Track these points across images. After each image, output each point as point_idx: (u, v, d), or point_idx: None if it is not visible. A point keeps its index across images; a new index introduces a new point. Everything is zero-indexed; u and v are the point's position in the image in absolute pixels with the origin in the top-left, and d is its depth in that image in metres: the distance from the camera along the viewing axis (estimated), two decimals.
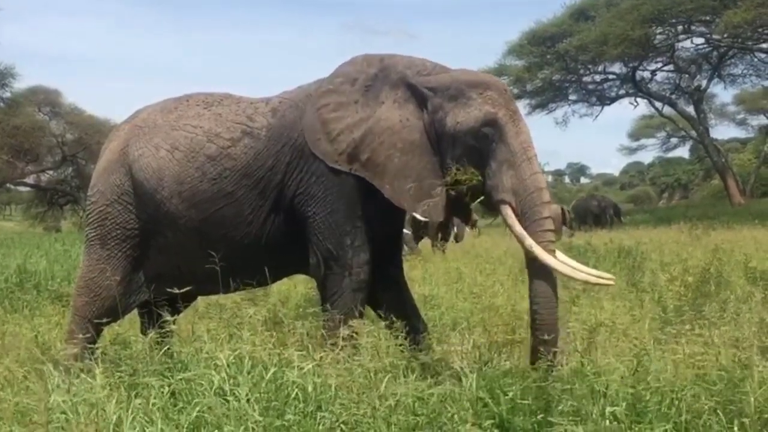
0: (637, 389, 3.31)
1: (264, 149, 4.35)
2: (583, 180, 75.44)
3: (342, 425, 3.13)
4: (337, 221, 4.27)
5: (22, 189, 40.72)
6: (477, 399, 3.32)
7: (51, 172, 37.92)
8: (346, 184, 4.27)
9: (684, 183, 51.26)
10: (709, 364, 3.54)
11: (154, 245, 4.57)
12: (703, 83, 35.22)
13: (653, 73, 35.38)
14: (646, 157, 77.69)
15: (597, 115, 36.59)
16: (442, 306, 6.25)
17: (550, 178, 58.93)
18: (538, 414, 3.23)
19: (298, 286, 7.24)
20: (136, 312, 4.88)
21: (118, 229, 4.57)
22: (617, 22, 30.03)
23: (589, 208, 25.81)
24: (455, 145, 4.18)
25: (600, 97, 36.38)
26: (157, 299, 4.50)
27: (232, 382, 3.32)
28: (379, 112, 4.28)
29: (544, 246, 3.98)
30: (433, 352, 4.22)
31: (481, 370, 3.71)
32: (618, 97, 36.32)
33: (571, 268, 4.11)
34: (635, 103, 36.71)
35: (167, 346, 3.90)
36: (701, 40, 32.57)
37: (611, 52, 30.40)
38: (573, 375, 3.55)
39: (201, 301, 5.42)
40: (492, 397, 3.34)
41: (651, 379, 3.39)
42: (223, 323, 4.42)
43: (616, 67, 34.50)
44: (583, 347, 4.01)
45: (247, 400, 3.19)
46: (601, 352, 3.95)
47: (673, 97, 35.49)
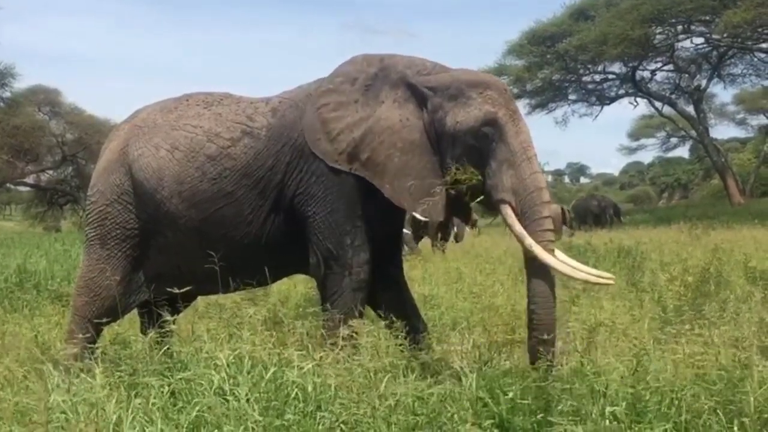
0: (637, 389, 3.30)
1: (264, 149, 4.35)
2: (582, 180, 75.47)
3: (342, 425, 3.13)
4: (337, 221, 4.27)
5: (22, 189, 40.72)
6: (477, 399, 3.32)
7: (51, 172, 37.91)
8: (346, 183, 4.27)
9: (684, 183, 51.27)
10: (708, 363, 3.53)
11: (154, 245, 4.57)
12: (703, 83, 35.27)
13: (653, 72, 35.42)
14: (646, 156, 77.73)
15: (597, 115, 36.65)
16: (441, 306, 6.25)
17: (550, 178, 58.92)
18: (538, 414, 3.23)
19: (298, 286, 7.23)
20: (135, 312, 4.88)
21: (118, 228, 4.57)
22: (617, 21, 30.03)
23: (588, 208, 25.80)
24: (455, 145, 4.18)
25: (600, 97, 36.38)
26: (157, 299, 4.50)
27: (231, 381, 3.32)
28: (379, 112, 4.28)
29: (544, 246, 3.98)
30: (433, 351, 4.22)
31: (481, 369, 3.71)
32: (618, 97, 36.33)
33: (571, 267, 4.11)
34: (635, 103, 36.76)
35: (167, 346, 3.90)
36: (701, 40, 32.60)
37: (611, 51, 30.40)
38: (573, 375, 3.55)
39: (201, 301, 5.41)
40: (492, 397, 3.34)
41: (651, 379, 3.38)
42: (222, 323, 4.42)
43: (616, 67, 34.52)
44: (582, 347, 4.00)
45: (247, 400, 3.19)
46: (601, 351, 3.94)
47: (673, 96, 35.48)
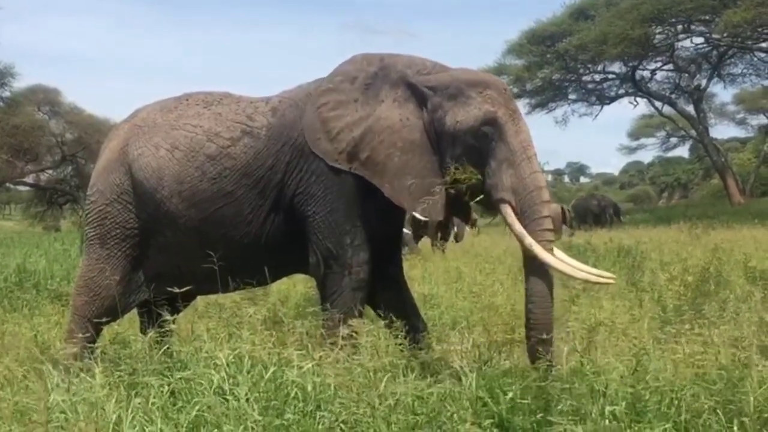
0: (637, 389, 3.30)
1: (264, 148, 4.35)
2: (582, 179, 75.46)
3: (341, 424, 3.13)
4: (336, 220, 4.27)
5: (22, 188, 40.72)
6: (476, 398, 3.32)
7: (50, 172, 37.91)
8: (346, 183, 4.27)
9: (684, 182, 51.28)
10: (708, 363, 3.53)
11: (153, 244, 4.57)
12: (703, 83, 35.27)
13: (653, 72, 35.42)
14: (646, 156, 77.66)
15: (597, 115, 36.66)
16: (441, 305, 6.26)
17: (550, 178, 58.91)
18: (538, 413, 3.23)
19: (297, 286, 7.23)
20: (135, 311, 4.88)
21: (118, 228, 4.57)
22: (617, 21, 30.03)
23: (588, 208, 25.81)
24: (455, 144, 4.18)
25: (600, 97, 36.38)
26: (157, 298, 4.50)
27: (231, 381, 3.32)
28: (379, 111, 4.28)
29: (544, 245, 3.98)
30: (433, 351, 4.22)
31: (481, 369, 3.71)
32: (618, 97, 36.33)
33: (571, 267, 4.11)
34: (635, 103, 36.78)
35: (167, 346, 3.90)
36: (701, 40, 32.60)
37: (611, 51, 30.40)
38: (572, 374, 3.55)
39: (200, 301, 5.41)
40: (491, 397, 3.34)
41: (650, 379, 3.38)
42: (222, 322, 4.42)
43: (616, 67, 34.52)
44: (582, 347, 4.00)
45: (247, 400, 3.19)
46: (601, 351, 3.94)
47: (673, 96, 35.49)
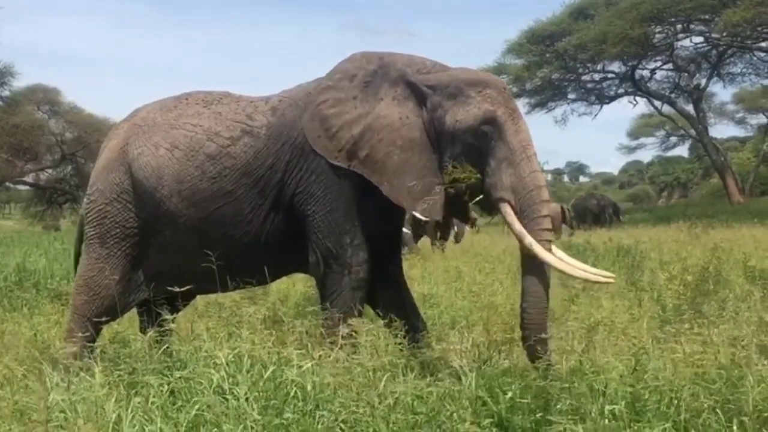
0: (636, 388, 3.31)
1: (264, 148, 4.35)
2: (582, 179, 75.44)
3: (341, 424, 3.13)
4: (336, 220, 4.27)
5: (22, 188, 40.73)
6: (476, 397, 3.33)
7: (50, 171, 37.93)
8: (346, 182, 4.26)
9: (683, 182, 51.31)
10: (708, 362, 3.53)
11: (153, 244, 4.57)
12: (702, 82, 35.28)
13: (652, 71, 35.41)
14: (646, 155, 77.57)
15: (596, 114, 36.68)
16: (441, 305, 6.25)
17: (549, 177, 58.89)
18: (537, 413, 3.24)
19: (297, 285, 7.23)
20: (135, 311, 4.88)
21: (118, 227, 4.57)
22: (616, 20, 30.03)
23: (588, 207, 25.81)
24: (454, 144, 4.18)
25: (599, 96, 36.38)
26: (157, 298, 4.50)
27: (231, 380, 3.32)
28: (378, 109, 4.28)
29: (543, 245, 3.98)
30: (432, 350, 4.21)
31: (480, 368, 3.71)
32: (617, 96, 36.34)
33: (571, 266, 4.11)
34: (634, 102, 36.80)
35: (166, 345, 3.90)
36: (700, 39, 32.60)
37: (610, 50, 30.40)
38: (572, 374, 3.55)
39: (200, 300, 5.41)
40: (491, 396, 3.34)
41: (650, 378, 3.38)
42: (222, 322, 4.41)
43: (615, 66, 34.52)
44: (582, 346, 4.01)
45: (246, 399, 3.19)
46: (600, 350, 3.94)
47: (673, 95, 35.49)
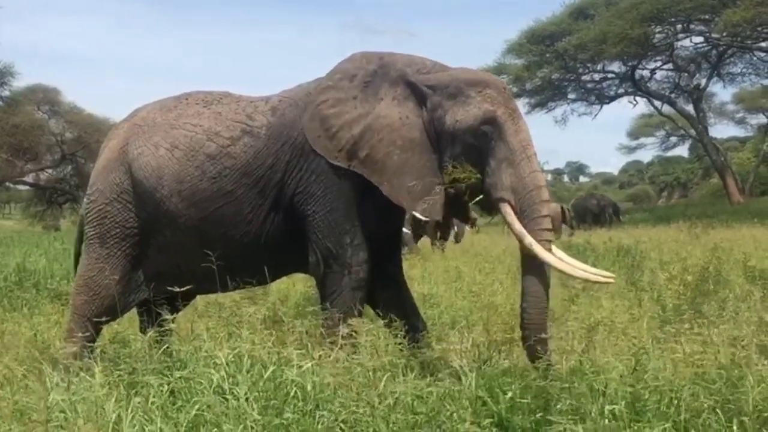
0: (636, 388, 3.31)
1: (264, 148, 4.35)
2: (582, 179, 75.45)
3: (341, 424, 3.13)
4: (336, 220, 4.27)
5: (22, 188, 40.73)
6: (476, 397, 3.32)
7: (50, 171, 37.93)
8: (346, 182, 4.26)
9: (683, 182, 51.31)
10: (707, 362, 3.53)
11: (153, 244, 4.57)
12: (702, 82, 35.28)
13: (652, 71, 35.41)
14: (645, 155, 77.58)
15: (596, 114, 36.68)
16: (441, 305, 6.25)
17: (549, 177, 58.90)
18: (537, 413, 3.24)
19: (297, 285, 7.23)
20: (135, 311, 4.88)
21: (118, 227, 4.57)
22: (616, 20, 30.03)
23: (588, 207, 25.81)
24: (454, 144, 4.18)
25: (599, 96, 36.38)
26: (157, 298, 4.50)
27: (231, 380, 3.32)
28: (378, 109, 4.28)
29: (543, 245, 3.98)
30: (432, 350, 4.21)
31: (480, 368, 3.71)
32: (617, 96, 36.34)
33: (571, 266, 4.11)
34: (634, 102, 36.80)
35: (166, 345, 3.90)
36: (700, 39, 32.60)
37: (610, 50, 30.40)
38: (572, 374, 3.55)
39: (200, 300, 5.41)
40: (491, 396, 3.34)
41: (650, 378, 3.39)
42: (222, 322, 4.41)
43: (615, 66, 34.52)
44: (582, 346, 4.01)
45: (246, 399, 3.19)
46: (600, 350, 3.94)
47: (672, 95, 35.49)
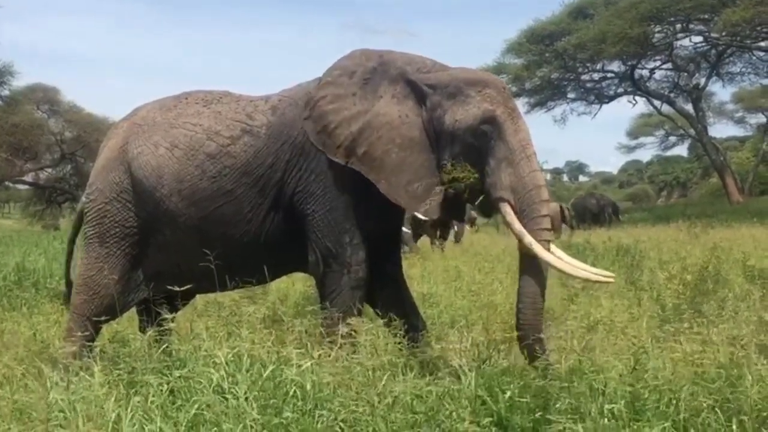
0: (636, 387, 3.31)
1: (264, 147, 4.35)
2: (581, 178, 75.53)
3: (340, 423, 3.13)
4: (336, 219, 4.27)
5: (21, 187, 40.71)
6: (475, 397, 3.32)
7: (50, 170, 37.89)
8: (345, 182, 4.26)
9: (682, 181, 51.34)
10: (707, 362, 3.54)
11: (153, 243, 4.57)
12: (702, 81, 35.30)
13: (652, 71, 35.45)
14: (645, 155, 77.62)
15: (595, 114, 36.73)
16: (440, 304, 6.25)
17: (549, 177, 58.98)
18: (537, 412, 3.24)
19: (296, 284, 7.23)
20: (134, 310, 4.88)
21: (117, 227, 4.57)
22: (616, 20, 30.04)
23: (587, 207, 25.82)
24: (454, 143, 4.17)
25: (598, 96, 36.40)
26: (156, 297, 4.50)
27: (230, 380, 3.32)
28: (378, 107, 4.28)
29: (542, 244, 3.98)
30: (432, 349, 4.22)
31: (480, 368, 3.70)
32: (616, 96, 36.36)
33: (571, 265, 4.11)
34: (634, 102, 36.84)
35: (166, 344, 3.90)
36: (700, 39, 32.63)
37: (610, 50, 30.41)
38: (571, 373, 3.55)
39: (200, 299, 5.42)
40: (490, 395, 3.34)
41: (649, 377, 3.39)
42: (221, 321, 4.41)
43: (615, 66, 34.55)
44: (581, 345, 4.01)
45: (246, 398, 3.19)
46: (600, 350, 3.94)
47: (672, 95, 35.50)
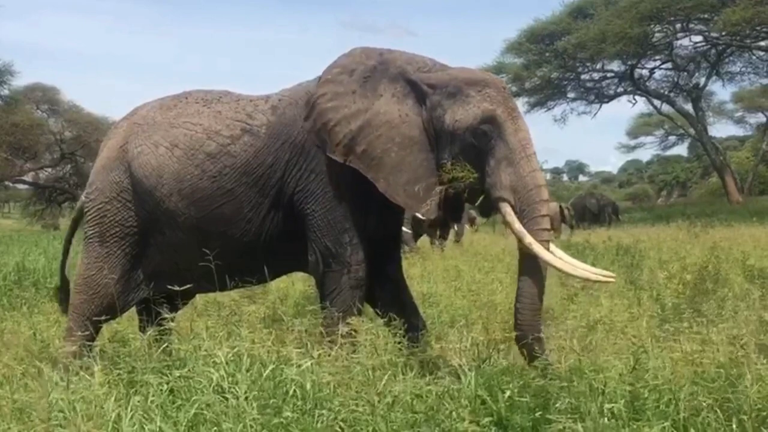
0: (636, 387, 3.31)
1: (264, 147, 4.35)
2: (581, 178, 75.57)
3: (340, 422, 3.13)
4: (335, 218, 4.27)
5: (21, 187, 40.75)
6: (475, 396, 3.32)
7: (49, 170, 37.94)
8: (345, 181, 4.26)
9: (682, 181, 51.32)
10: (707, 361, 3.54)
11: (153, 243, 4.57)
12: (702, 81, 35.35)
13: (651, 71, 35.50)
14: (645, 155, 77.87)
15: (595, 113, 36.78)
16: (440, 304, 6.25)
17: (549, 176, 58.98)
18: (537, 411, 3.24)
19: (296, 284, 7.23)
20: (134, 309, 4.88)
21: (117, 226, 4.57)
22: (616, 20, 30.07)
23: (587, 207, 25.83)
24: (453, 143, 4.17)
25: (598, 95, 36.42)
26: (156, 297, 4.50)
27: (230, 379, 3.32)
28: (378, 105, 4.27)
29: (542, 244, 3.98)
30: (432, 349, 4.22)
31: (480, 367, 3.71)
32: (616, 95, 36.38)
33: (572, 265, 4.11)
34: (633, 101, 36.90)
35: (166, 344, 3.90)
36: (700, 38, 32.67)
37: (609, 50, 30.44)
38: (571, 372, 3.55)
39: (200, 299, 5.42)
40: (490, 395, 3.34)
41: (649, 377, 3.39)
42: (221, 321, 4.42)
43: (615, 65, 34.58)
44: (581, 345, 4.01)
45: (246, 398, 3.19)
46: (600, 349, 3.95)
47: (672, 95, 35.53)
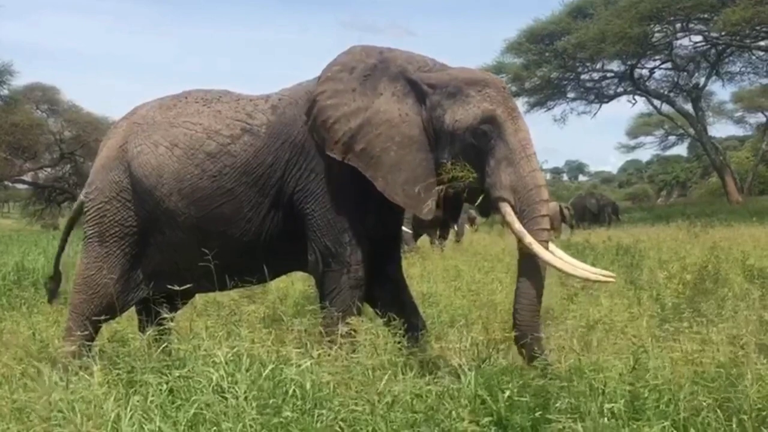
0: (636, 386, 3.31)
1: (263, 146, 4.34)
2: (581, 178, 75.58)
3: (340, 422, 3.13)
4: (335, 218, 4.26)
5: (20, 186, 40.74)
6: (475, 396, 3.32)
7: (49, 170, 37.94)
8: (345, 181, 4.26)
9: (682, 181, 51.34)
10: (706, 361, 3.54)
11: (152, 242, 4.57)
12: (701, 81, 35.37)
13: (651, 70, 35.52)
14: (645, 155, 77.95)
15: (595, 113, 36.82)
16: (440, 303, 6.25)
17: (549, 176, 58.99)
18: (537, 411, 3.24)
19: (296, 284, 7.23)
20: (134, 309, 4.88)
21: (117, 226, 4.56)
22: (615, 19, 30.08)
23: (587, 206, 25.84)
24: (453, 143, 4.17)
25: (598, 95, 36.44)
26: (156, 296, 4.50)
27: (230, 379, 3.32)
28: (378, 104, 4.27)
29: (542, 245, 3.98)
30: (432, 349, 4.22)
31: (480, 367, 3.70)
32: (616, 95, 36.40)
33: (572, 265, 4.11)
34: (633, 101, 36.90)
35: (165, 344, 3.89)
36: (699, 38, 32.69)
37: (609, 49, 30.45)
38: (571, 372, 3.56)
39: (199, 299, 5.42)
40: (490, 395, 3.34)
41: (649, 377, 3.39)
42: (221, 320, 4.41)
43: (615, 65, 34.60)
44: (581, 345, 4.00)
45: (245, 398, 3.19)
46: (599, 349, 3.95)
47: (672, 94, 35.55)
